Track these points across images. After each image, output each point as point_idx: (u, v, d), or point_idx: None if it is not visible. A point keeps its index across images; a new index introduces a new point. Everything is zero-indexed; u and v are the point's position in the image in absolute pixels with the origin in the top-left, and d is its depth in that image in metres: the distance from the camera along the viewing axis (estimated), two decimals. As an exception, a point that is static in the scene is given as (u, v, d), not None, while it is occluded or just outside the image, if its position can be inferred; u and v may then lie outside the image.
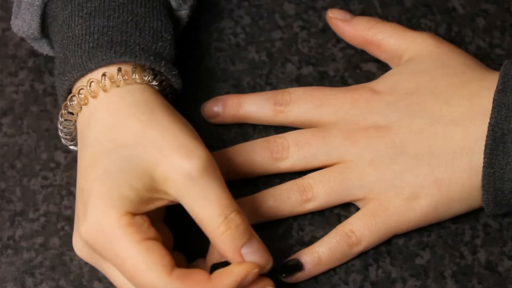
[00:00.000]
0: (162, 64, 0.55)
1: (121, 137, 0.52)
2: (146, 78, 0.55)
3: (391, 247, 0.58)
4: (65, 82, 0.55)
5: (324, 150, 0.58)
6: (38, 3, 0.57)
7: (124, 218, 0.51)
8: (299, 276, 0.57)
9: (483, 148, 0.55)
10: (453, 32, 0.65)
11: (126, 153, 0.52)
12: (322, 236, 0.57)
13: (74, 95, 0.55)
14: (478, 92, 0.56)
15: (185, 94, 0.62)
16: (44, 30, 0.59)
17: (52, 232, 0.59)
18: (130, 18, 0.56)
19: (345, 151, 0.57)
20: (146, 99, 0.54)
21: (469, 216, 0.58)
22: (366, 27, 0.62)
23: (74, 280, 0.57)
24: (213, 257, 0.55)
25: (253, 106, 0.60)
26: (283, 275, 0.56)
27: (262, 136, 0.60)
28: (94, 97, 0.54)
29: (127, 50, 0.55)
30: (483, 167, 0.54)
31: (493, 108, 0.55)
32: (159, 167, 0.52)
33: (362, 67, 0.64)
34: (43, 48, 0.61)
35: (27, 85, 0.64)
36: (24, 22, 0.58)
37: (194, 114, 0.62)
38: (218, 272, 0.52)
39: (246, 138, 0.61)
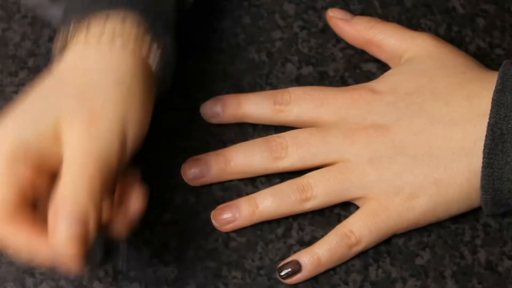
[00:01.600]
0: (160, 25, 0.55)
1: (64, 83, 0.52)
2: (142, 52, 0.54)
3: (391, 247, 0.58)
4: (66, 25, 0.54)
5: (324, 150, 0.58)
6: None
7: (11, 148, 0.50)
8: (299, 278, 0.57)
9: (482, 148, 0.54)
10: (453, 32, 0.65)
11: (51, 101, 0.51)
12: (322, 236, 0.57)
13: (70, 31, 0.54)
14: (477, 93, 0.56)
15: (185, 94, 0.62)
16: None
17: (52, 232, 0.59)
18: None
19: (345, 151, 0.57)
20: (120, 65, 0.53)
21: (469, 216, 0.58)
22: (366, 27, 0.62)
23: (74, 280, 0.57)
24: None
25: (253, 106, 0.60)
26: (283, 276, 0.56)
27: (262, 136, 0.60)
28: (83, 42, 0.53)
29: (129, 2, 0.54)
30: (482, 167, 0.54)
31: (492, 108, 0.55)
32: (69, 129, 0.50)
33: (362, 67, 0.64)
34: (55, 15, 0.60)
35: (27, 85, 0.64)
36: None
37: (194, 114, 0.62)
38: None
39: (246, 137, 0.61)
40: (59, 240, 0.49)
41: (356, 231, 0.57)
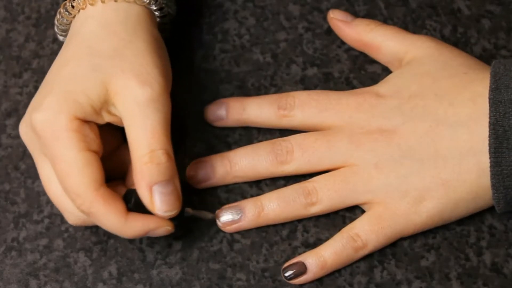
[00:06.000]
0: None
1: (98, 47, 0.55)
2: (146, 0, 0.57)
3: (396, 249, 0.58)
4: None
5: (329, 154, 0.58)
6: None
7: (74, 123, 0.53)
8: (303, 279, 0.56)
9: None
10: (458, 33, 0.65)
11: (94, 62, 0.54)
12: (327, 238, 0.57)
13: None
14: (481, 93, 0.56)
15: (189, 95, 0.62)
16: None
17: (56, 234, 0.59)
18: None
19: (350, 155, 0.57)
20: (138, 21, 0.56)
21: (474, 218, 0.58)
22: (366, 30, 0.62)
23: (78, 282, 0.57)
24: (131, 181, 0.56)
25: (257, 111, 0.60)
26: (287, 277, 0.56)
27: (267, 138, 0.60)
28: (92, 4, 0.56)
29: None
30: (490, 166, 0.54)
31: (490, 107, 0.54)
32: (115, 82, 0.53)
33: (367, 69, 0.63)
34: None
35: (31, 86, 0.64)
36: None
37: (198, 115, 0.62)
38: (136, 215, 0.54)
39: (250, 139, 0.61)
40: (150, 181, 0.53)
41: (362, 235, 0.56)
